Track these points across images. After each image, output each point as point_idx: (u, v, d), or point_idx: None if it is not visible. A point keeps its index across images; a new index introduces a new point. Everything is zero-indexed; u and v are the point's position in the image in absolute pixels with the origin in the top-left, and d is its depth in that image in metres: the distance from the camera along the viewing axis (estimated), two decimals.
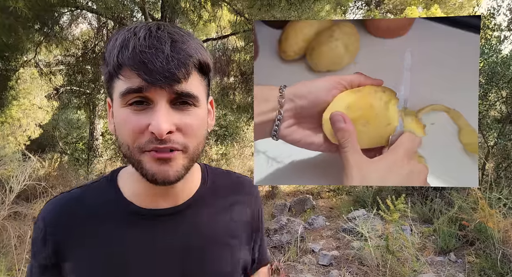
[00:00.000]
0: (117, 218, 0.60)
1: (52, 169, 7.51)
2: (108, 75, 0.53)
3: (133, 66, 0.49)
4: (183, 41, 0.52)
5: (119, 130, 0.54)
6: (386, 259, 2.94)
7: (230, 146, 8.05)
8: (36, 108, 7.86)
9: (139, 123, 0.51)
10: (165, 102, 0.51)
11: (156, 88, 0.50)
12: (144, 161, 0.53)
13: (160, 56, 0.49)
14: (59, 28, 4.90)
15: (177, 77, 0.50)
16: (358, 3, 12.60)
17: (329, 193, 6.50)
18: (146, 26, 0.52)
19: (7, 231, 3.63)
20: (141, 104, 0.51)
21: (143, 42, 0.49)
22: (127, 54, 0.49)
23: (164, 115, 0.50)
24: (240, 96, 5.83)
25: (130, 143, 0.53)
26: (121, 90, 0.51)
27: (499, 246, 2.86)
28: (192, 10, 4.70)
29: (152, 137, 0.51)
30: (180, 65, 0.50)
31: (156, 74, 0.48)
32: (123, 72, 0.51)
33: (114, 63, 0.51)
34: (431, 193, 4.35)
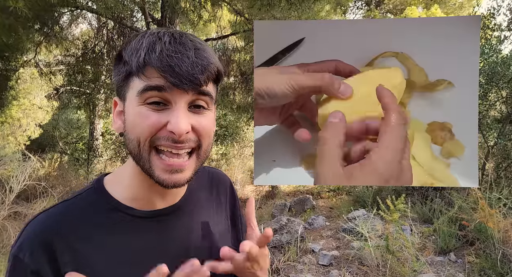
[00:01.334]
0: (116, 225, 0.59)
1: (52, 169, 7.52)
2: (125, 74, 0.55)
3: (160, 68, 0.51)
4: (204, 50, 0.55)
5: (132, 127, 0.55)
6: (386, 259, 2.94)
7: (230, 146, 8.05)
8: (36, 108, 7.86)
9: (158, 120, 0.53)
10: (184, 104, 0.54)
11: (177, 90, 0.52)
12: (154, 165, 0.55)
13: (186, 61, 0.52)
14: (59, 28, 4.91)
15: (199, 82, 0.53)
16: (358, 3, 12.60)
17: (329, 193, 6.50)
18: (169, 32, 0.55)
19: (7, 231, 3.63)
20: (158, 104, 0.54)
21: (169, 46, 0.52)
22: (154, 56, 0.52)
23: (183, 114, 0.53)
24: (240, 96, 5.83)
25: (142, 139, 0.54)
26: (139, 88, 0.53)
27: (499, 246, 2.86)
28: (192, 10, 4.70)
29: (169, 136, 0.53)
30: (203, 70, 0.53)
31: (182, 78, 0.51)
32: (147, 72, 0.53)
33: (139, 63, 0.52)
34: (431, 193, 4.35)
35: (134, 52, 0.54)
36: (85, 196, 0.62)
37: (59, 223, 0.57)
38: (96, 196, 0.62)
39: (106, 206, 0.60)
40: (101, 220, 0.59)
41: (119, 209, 0.60)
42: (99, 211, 0.60)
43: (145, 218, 0.61)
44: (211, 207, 0.73)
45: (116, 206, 0.60)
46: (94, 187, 0.63)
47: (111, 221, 0.59)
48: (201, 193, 0.72)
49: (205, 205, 0.72)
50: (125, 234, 0.59)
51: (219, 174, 0.80)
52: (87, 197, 0.62)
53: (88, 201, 0.61)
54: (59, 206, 0.60)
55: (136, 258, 0.59)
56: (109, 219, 0.59)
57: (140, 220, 0.61)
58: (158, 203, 0.63)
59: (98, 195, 0.62)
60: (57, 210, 0.60)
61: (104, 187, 0.63)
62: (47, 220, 0.58)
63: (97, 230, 0.58)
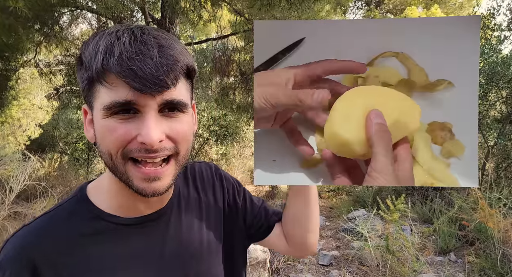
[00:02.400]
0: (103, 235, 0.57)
1: (52, 169, 7.52)
2: (88, 81, 0.50)
3: (121, 73, 0.46)
4: (170, 46, 0.50)
5: (102, 140, 0.51)
6: (386, 259, 2.94)
7: (230, 146, 8.05)
8: (36, 108, 7.86)
9: (127, 133, 0.49)
10: (154, 110, 0.49)
11: (143, 96, 0.48)
12: (131, 175, 0.52)
13: (148, 63, 0.47)
14: (59, 28, 4.90)
15: (166, 84, 0.48)
16: (358, 3, 12.60)
17: (329, 193, 6.50)
18: (129, 30, 0.50)
19: (7, 231, 3.63)
20: (127, 112, 0.49)
21: (129, 47, 0.47)
22: (113, 61, 0.46)
23: (154, 123, 0.49)
24: (240, 96, 5.83)
25: (113, 152, 0.50)
26: (105, 103, 0.48)
27: (499, 246, 2.86)
28: (192, 10, 4.70)
29: (142, 146, 0.49)
30: (169, 71, 0.48)
31: (146, 81, 0.46)
32: (108, 79, 0.48)
33: (98, 69, 0.48)
34: (431, 193, 4.35)
35: (92, 57, 0.49)
36: (67, 206, 0.59)
37: (40, 237, 0.55)
38: (78, 206, 0.59)
39: (89, 216, 0.58)
40: (85, 231, 0.56)
41: (103, 218, 0.58)
42: (82, 221, 0.57)
43: (131, 225, 0.59)
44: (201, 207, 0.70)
45: (99, 215, 0.58)
46: (77, 197, 0.60)
47: (95, 231, 0.57)
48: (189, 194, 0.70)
49: (194, 206, 0.69)
50: (111, 242, 0.57)
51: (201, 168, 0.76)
52: (69, 208, 0.59)
53: (71, 212, 0.58)
54: (40, 220, 0.58)
55: (123, 266, 0.57)
56: (93, 229, 0.57)
57: (125, 227, 0.58)
58: (144, 209, 0.60)
59: (80, 205, 0.59)
60: (38, 224, 0.57)
61: (87, 196, 0.60)
62: (27, 235, 0.55)
63: (81, 241, 0.56)
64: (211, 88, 6.17)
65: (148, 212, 0.61)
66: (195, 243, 0.65)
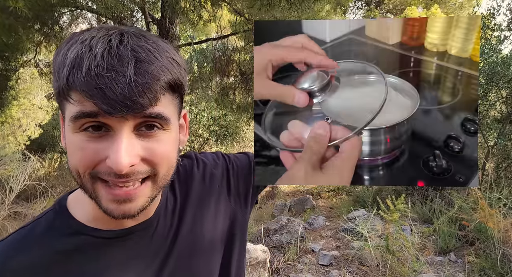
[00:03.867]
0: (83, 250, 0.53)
1: (52, 169, 7.51)
2: (57, 93, 0.44)
3: (87, 92, 0.40)
4: (150, 60, 0.43)
5: (70, 156, 0.46)
6: (386, 259, 2.94)
7: (230, 146, 8.05)
8: (36, 108, 7.86)
9: (96, 153, 0.44)
10: (127, 130, 0.44)
11: (115, 118, 0.42)
12: (99, 195, 0.46)
13: (121, 81, 0.40)
14: (59, 28, 4.90)
15: (140, 105, 0.42)
16: (358, 3, 12.60)
17: (329, 193, 6.50)
18: (105, 38, 0.43)
19: (7, 231, 3.63)
20: (99, 129, 0.44)
21: (100, 61, 0.41)
22: (79, 77, 0.40)
23: (125, 145, 0.43)
24: (240, 96, 5.83)
25: (81, 171, 0.45)
26: (72, 113, 0.43)
27: (499, 246, 2.86)
28: (192, 10, 4.70)
29: (111, 171, 0.43)
30: (145, 91, 0.42)
31: (116, 103, 0.40)
32: (74, 96, 0.42)
33: (63, 85, 0.42)
34: (431, 193, 4.35)
35: (61, 67, 0.42)
36: (44, 220, 0.54)
37: (12, 258, 0.50)
38: (56, 219, 0.54)
39: (67, 230, 0.53)
40: (62, 247, 0.51)
41: (82, 232, 0.53)
42: (60, 236, 0.52)
43: (112, 238, 0.54)
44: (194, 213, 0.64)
45: (79, 229, 0.53)
46: (55, 209, 0.56)
47: (74, 246, 0.52)
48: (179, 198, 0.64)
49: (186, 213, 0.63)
50: (91, 258, 0.52)
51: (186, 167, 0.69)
52: (47, 222, 0.54)
53: (48, 226, 0.53)
54: (14, 236, 0.52)
55: None
56: (71, 245, 0.52)
57: (107, 241, 0.54)
58: (127, 221, 0.54)
59: (59, 218, 0.54)
60: (11, 242, 0.52)
61: (66, 208, 0.55)
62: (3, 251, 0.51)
63: (57, 258, 0.51)
64: (211, 88, 6.17)
65: (132, 224, 0.55)
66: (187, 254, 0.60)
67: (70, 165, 0.46)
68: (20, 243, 0.51)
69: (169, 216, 0.61)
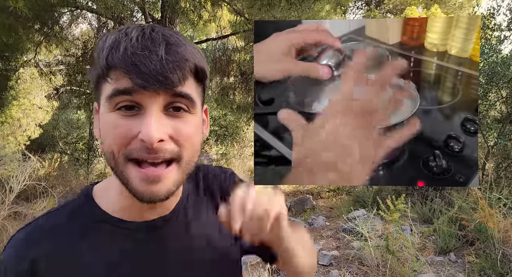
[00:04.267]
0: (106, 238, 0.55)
1: (52, 169, 7.51)
2: (96, 77, 0.50)
3: (124, 68, 0.45)
4: (179, 44, 0.49)
5: (105, 136, 0.50)
6: (386, 259, 2.94)
7: (230, 146, 8.05)
8: (36, 108, 7.86)
9: (129, 129, 0.47)
10: (157, 108, 0.48)
11: (147, 92, 0.46)
12: (131, 177, 0.49)
13: (153, 59, 0.45)
14: (59, 28, 4.91)
15: (171, 81, 0.46)
16: (358, 3, 12.60)
17: (329, 193, 6.50)
18: (139, 27, 0.49)
19: (7, 231, 3.63)
20: (131, 109, 0.48)
21: (135, 43, 0.46)
22: (117, 55, 0.46)
23: (155, 121, 0.47)
24: (240, 96, 5.84)
25: (115, 151, 0.48)
26: (108, 92, 0.48)
27: (499, 246, 2.86)
28: (192, 10, 4.70)
29: (142, 145, 0.47)
30: (175, 68, 0.47)
31: (149, 78, 0.45)
32: (112, 74, 0.47)
33: (103, 65, 0.47)
34: (431, 193, 4.35)
35: (100, 52, 0.48)
36: (71, 207, 0.58)
37: (39, 240, 0.53)
38: (83, 207, 0.58)
39: (93, 218, 0.56)
40: (87, 233, 0.55)
41: (107, 221, 0.56)
42: (85, 223, 0.56)
43: (135, 230, 0.57)
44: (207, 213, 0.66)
45: (103, 218, 0.56)
46: (82, 198, 0.59)
47: (98, 234, 0.55)
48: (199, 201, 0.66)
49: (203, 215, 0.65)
50: (113, 247, 0.55)
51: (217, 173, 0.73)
52: (73, 209, 0.57)
53: (75, 213, 0.57)
54: (42, 219, 0.56)
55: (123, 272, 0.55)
56: (96, 232, 0.55)
57: (129, 232, 0.56)
58: (149, 214, 0.58)
59: (85, 206, 0.58)
60: (38, 225, 0.56)
61: (92, 198, 0.58)
62: (28, 235, 0.54)
63: (82, 244, 0.54)
64: (211, 88, 6.17)
65: (152, 217, 0.58)
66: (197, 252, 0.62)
67: (105, 148, 0.50)
68: (48, 224, 0.55)
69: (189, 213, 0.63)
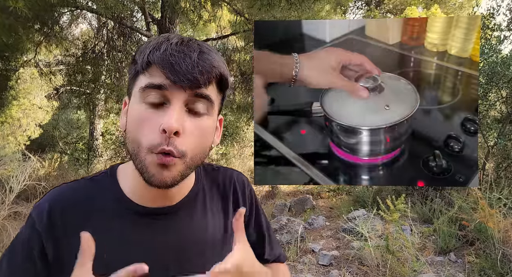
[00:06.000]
0: (116, 213, 0.61)
1: (52, 169, 7.50)
2: (134, 72, 0.58)
3: (161, 65, 0.53)
4: (210, 54, 0.57)
5: (133, 127, 0.56)
6: (386, 259, 2.94)
7: (230, 146, 8.05)
8: (36, 108, 7.86)
9: (154, 122, 0.54)
10: (181, 103, 0.54)
11: (176, 88, 0.53)
12: (148, 162, 0.55)
13: (187, 61, 0.53)
14: (59, 28, 4.91)
15: (198, 81, 0.54)
16: (358, 3, 12.59)
17: (329, 193, 6.49)
18: (179, 36, 0.58)
19: (7, 231, 3.63)
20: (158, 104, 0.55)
21: (175, 46, 0.54)
22: (157, 54, 0.54)
23: (177, 113, 0.53)
24: (240, 96, 5.83)
25: (143, 142, 0.54)
26: (143, 84, 0.55)
27: (499, 246, 2.86)
28: (192, 10, 4.70)
29: (162, 137, 0.53)
30: (203, 71, 0.54)
31: (180, 75, 0.53)
32: (150, 69, 0.55)
33: (144, 61, 0.55)
34: (431, 193, 4.34)
35: (142, 51, 0.56)
36: (99, 179, 0.65)
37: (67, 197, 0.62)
38: (107, 182, 0.65)
39: (112, 195, 0.63)
40: (105, 206, 0.62)
41: (122, 200, 0.62)
42: (105, 196, 0.62)
43: (141, 213, 0.62)
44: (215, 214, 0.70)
45: (120, 197, 0.63)
46: (108, 173, 0.66)
47: (112, 208, 0.62)
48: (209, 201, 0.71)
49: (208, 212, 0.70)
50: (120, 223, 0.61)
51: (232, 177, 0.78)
52: (100, 181, 0.65)
53: (100, 185, 0.64)
54: (77, 182, 0.64)
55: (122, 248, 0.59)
56: (111, 206, 0.62)
57: (136, 213, 0.62)
58: (155, 202, 0.63)
59: (108, 182, 0.64)
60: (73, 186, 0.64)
61: (116, 175, 0.65)
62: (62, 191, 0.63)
63: (98, 213, 0.61)
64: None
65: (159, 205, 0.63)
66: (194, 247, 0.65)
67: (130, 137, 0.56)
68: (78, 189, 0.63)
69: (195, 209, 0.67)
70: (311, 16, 4.31)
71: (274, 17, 4.04)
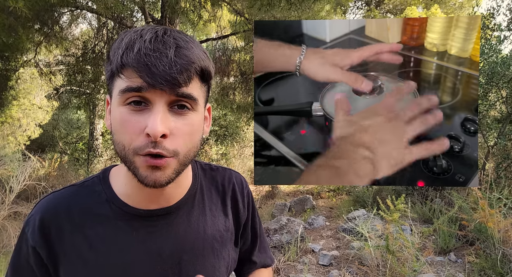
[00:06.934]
0: (111, 218, 0.60)
1: (52, 169, 7.51)
2: (110, 73, 0.54)
3: (136, 67, 0.50)
4: (187, 48, 0.53)
5: (116, 129, 0.55)
6: (386, 259, 2.94)
7: (230, 146, 8.05)
8: (36, 108, 7.86)
9: (137, 124, 0.52)
10: (163, 104, 0.52)
11: (156, 90, 0.51)
12: (138, 165, 0.54)
13: (163, 60, 0.50)
14: (59, 28, 4.91)
15: (177, 82, 0.51)
16: (358, 3, 12.59)
17: (329, 193, 6.50)
18: (153, 30, 0.53)
19: (7, 231, 3.63)
20: (139, 104, 0.52)
21: (148, 45, 0.51)
22: (131, 55, 0.50)
23: (161, 117, 0.51)
24: (240, 96, 5.83)
25: (126, 144, 0.53)
26: (121, 88, 0.52)
27: (499, 246, 2.86)
28: (192, 10, 4.70)
29: (148, 140, 0.51)
30: (182, 70, 0.51)
31: (158, 77, 0.49)
32: (125, 72, 0.52)
33: (118, 63, 0.51)
34: (431, 193, 4.34)
35: (116, 51, 0.53)
36: (90, 184, 0.64)
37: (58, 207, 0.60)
38: (99, 186, 0.63)
39: (104, 198, 0.61)
40: (99, 211, 0.60)
41: (115, 203, 0.61)
42: (98, 201, 0.61)
43: (137, 216, 0.61)
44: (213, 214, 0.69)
45: (113, 200, 0.61)
46: (100, 177, 0.65)
47: (107, 213, 0.60)
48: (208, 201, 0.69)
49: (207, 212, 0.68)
50: (116, 229, 0.60)
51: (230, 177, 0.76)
52: (91, 186, 0.63)
53: (91, 190, 0.63)
54: (66, 190, 0.63)
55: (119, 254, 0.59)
56: (105, 212, 0.60)
57: (131, 217, 0.60)
58: (151, 204, 0.62)
59: (100, 185, 0.63)
60: (62, 194, 0.62)
61: (108, 178, 0.64)
62: (52, 201, 0.61)
63: (92, 220, 0.60)
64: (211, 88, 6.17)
65: (154, 207, 0.62)
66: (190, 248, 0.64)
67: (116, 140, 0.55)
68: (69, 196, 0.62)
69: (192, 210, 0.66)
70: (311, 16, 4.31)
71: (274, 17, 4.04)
